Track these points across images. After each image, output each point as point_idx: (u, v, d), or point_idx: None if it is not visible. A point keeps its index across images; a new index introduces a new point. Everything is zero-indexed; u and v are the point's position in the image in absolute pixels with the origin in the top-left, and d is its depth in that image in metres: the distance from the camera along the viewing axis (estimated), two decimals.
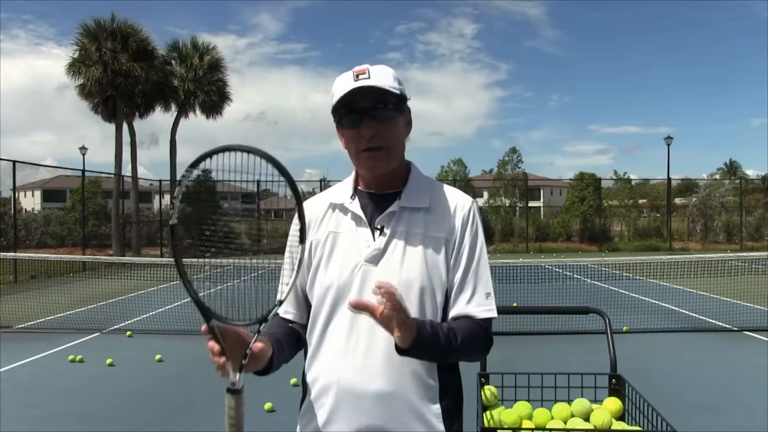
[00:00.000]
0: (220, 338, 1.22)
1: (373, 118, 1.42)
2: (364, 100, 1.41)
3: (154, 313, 9.89)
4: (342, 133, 1.49)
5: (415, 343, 1.30)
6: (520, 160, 45.11)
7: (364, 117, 1.42)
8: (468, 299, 1.47)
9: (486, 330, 1.48)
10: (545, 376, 1.97)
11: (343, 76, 1.45)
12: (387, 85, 1.42)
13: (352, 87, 1.40)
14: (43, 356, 7.23)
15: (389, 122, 1.45)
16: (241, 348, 1.24)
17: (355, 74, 1.43)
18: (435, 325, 1.40)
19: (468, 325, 1.45)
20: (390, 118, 1.45)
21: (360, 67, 1.44)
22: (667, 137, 30.04)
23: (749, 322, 8.75)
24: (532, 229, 30.32)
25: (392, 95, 1.43)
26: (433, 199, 1.52)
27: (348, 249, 1.48)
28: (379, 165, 1.47)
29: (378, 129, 1.42)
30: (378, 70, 1.44)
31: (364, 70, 1.43)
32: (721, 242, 29.72)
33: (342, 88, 1.43)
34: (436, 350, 1.37)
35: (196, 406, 5.21)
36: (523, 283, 9.92)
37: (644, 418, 1.75)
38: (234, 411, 1.23)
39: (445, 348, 1.38)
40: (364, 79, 1.41)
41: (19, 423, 4.85)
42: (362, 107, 1.42)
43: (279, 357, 1.42)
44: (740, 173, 54.91)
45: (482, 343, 1.49)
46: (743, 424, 4.72)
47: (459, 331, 1.41)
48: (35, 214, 33.00)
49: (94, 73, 23.49)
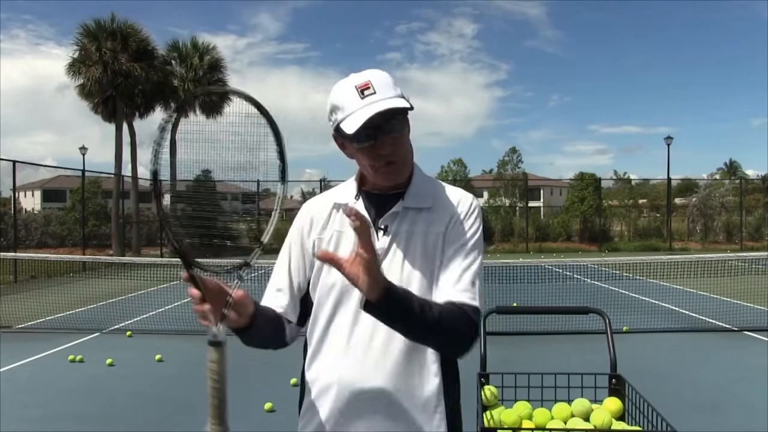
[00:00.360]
0: (201, 286, 1.22)
1: (387, 134, 1.40)
2: (379, 116, 1.37)
3: (154, 313, 9.88)
4: (347, 146, 1.46)
5: (385, 297, 1.23)
6: (520, 160, 45.22)
7: (378, 134, 1.39)
8: (452, 283, 1.44)
9: (469, 316, 1.40)
10: (545, 376, 1.97)
11: (345, 92, 1.40)
12: (396, 97, 1.39)
13: (370, 114, 1.34)
14: (43, 356, 7.23)
15: (401, 135, 1.44)
16: (222, 298, 1.25)
17: (360, 90, 1.38)
18: (408, 291, 1.34)
19: (448, 306, 1.39)
20: (402, 130, 1.44)
21: (361, 81, 1.39)
22: (667, 137, 30.09)
23: (749, 322, 8.75)
24: (532, 229, 30.32)
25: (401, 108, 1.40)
26: (435, 199, 1.52)
27: (352, 249, 1.48)
28: (398, 177, 1.49)
29: (393, 143, 1.42)
30: (380, 81, 1.40)
31: (368, 85, 1.39)
32: (721, 242, 29.73)
33: (350, 107, 1.38)
34: (407, 313, 1.28)
35: (196, 406, 5.19)
36: (523, 283, 9.93)
37: (644, 418, 1.75)
38: (216, 365, 1.21)
39: (417, 315, 1.29)
40: (370, 95, 1.37)
41: (19, 423, 4.85)
42: (376, 124, 1.37)
43: (261, 322, 1.39)
44: (740, 173, 54.95)
45: (464, 327, 1.39)
46: (743, 424, 4.72)
47: (436, 306, 1.36)
48: (35, 214, 33.01)
49: (94, 73, 23.50)
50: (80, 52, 24.11)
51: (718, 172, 59.69)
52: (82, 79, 24.16)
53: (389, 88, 1.41)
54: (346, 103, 1.39)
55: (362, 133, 1.38)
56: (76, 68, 24.06)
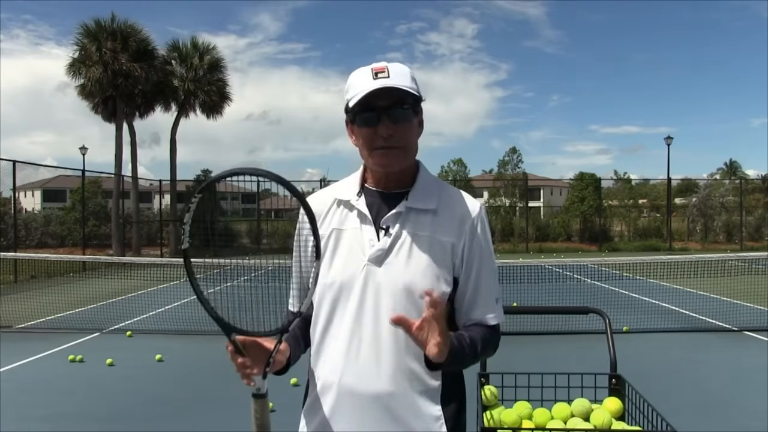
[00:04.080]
0: (243, 350, 1.28)
1: (390, 118, 1.41)
2: (382, 99, 1.40)
3: (154, 313, 9.87)
4: (354, 130, 1.48)
5: (450, 357, 1.31)
6: (521, 160, 45.11)
7: (382, 116, 1.41)
8: (480, 307, 1.49)
9: (497, 333, 1.53)
10: (545, 376, 1.97)
11: (361, 73, 1.44)
12: (406, 86, 1.41)
13: (374, 87, 1.39)
14: (43, 356, 7.22)
15: (406, 123, 1.44)
16: (263, 355, 1.30)
17: (374, 72, 1.41)
18: (458, 335, 1.41)
19: (481, 331, 1.47)
20: (407, 118, 1.44)
21: (378, 65, 1.43)
22: (667, 137, 30.07)
23: (749, 322, 8.75)
24: (532, 229, 30.32)
25: (410, 95, 1.42)
26: (441, 201, 1.50)
27: (352, 247, 1.47)
28: (393, 163, 1.46)
29: (395, 129, 1.42)
30: (397, 69, 1.43)
31: (383, 68, 1.42)
32: (721, 242, 29.73)
33: (361, 85, 1.41)
34: (462, 361, 1.40)
35: (196, 406, 5.21)
36: (523, 283, 9.92)
37: (644, 418, 1.75)
38: (260, 414, 1.31)
39: (469, 357, 1.41)
40: (383, 78, 1.40)
41: (19, 423, 4.84)
42: (380, 106, 1.41)
43: (296, 353, 1.49)
44: (740, 173, 54.85)
45: (494, 346, 1.53)
46: (743, 424, 4.71)
47: (477, 340, 1.45)
48: (35, 214, 32.98)
49: (95, 73, 23.46)
50: (80, 52, 24.07)
51: (718, 172, 59.63)
52: (82, 79, 24.12)
53: (405, 78, 1.43)
54: (359, 82, 1.43)
55: (366, 113, 1.42)
56: (76, 68, 24.03)
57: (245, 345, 1.28)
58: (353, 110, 1.43)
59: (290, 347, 1.44)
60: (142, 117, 26.84)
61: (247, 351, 1.28)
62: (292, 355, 1.45)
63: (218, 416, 4.92)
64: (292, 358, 1.46)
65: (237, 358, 1.27)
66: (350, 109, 1.44)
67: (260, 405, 1.30)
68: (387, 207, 1.48)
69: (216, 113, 28.00)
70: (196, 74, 26.90)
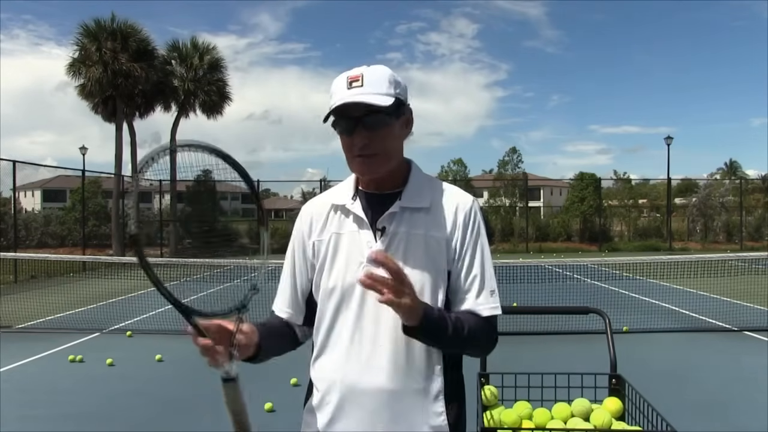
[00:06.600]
0: (205, 333, 1.26)
1: (365, 127, 1.41)
2: (356, 108, 1.40)
3: (154, 313, 9.87)
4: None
5: (423, 321, 1.31)
6: (521, 160, 45.09)
7: (357, 125, 1.41)
8: (473, 297, 1.47)
9: (492, 326, 1.50)
10: (545, 376, 1.98)
11: (340, 80, 1.44)
12: (381, 93, 1.40)
13: (344, 101, 1.39)
14: (43, 356, 7.23)
15: (383, 129, 1.43)
16: (227, 338, 1.28)
17: (349, 81, 1.41)
18: (441, 309, 1.42)
19: (473, 318, 1.45)
20: (384, 125, 1.43)
21: (354, 73, 1.42)
22: (667, 137, 30.06)
23: (749, 322, 8.75)
24: (532, 229, 30.33)
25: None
26: (433, 198, 1.51)
27: (351, 250, 1.48)
28: (372, 170, 1.47)
29: (370, 138, 1.42)
30: (373, 77, 1.42)
31: (358, 77, 1.41)
32: (721, 242, 29.74)
33: (337, 95, 1.42)
34: (443, 333, 1.37)
35: (196, 406, 5.20)
36: (523, 283, 9.93)
37: (644, 418, 1.75)
38: (231, 399, 1.25)
39: (453, 333, 1.38)
40: (356, 87, 1.40)
41: (19, 423, 4.85)
42: (354, 116, 1.41)
43: (267, 344, 1.44)
44: (740, 173, 54.83)
45: (488, 338, 1.49)
46: (743, 424, 4.71)
47: (466, 321, 1.42)
48: (35, 214, 33.02)
49: (94, 73, 23.47)
50: (80, 52, 24.07)
51: (718, 172, 59.59)
52: (82, 79, 24.12)
53: (380, 84, 1.41)
54: (336, 90, 1.43)
55: (342, 123, 1.43)
56: (76, 68, 24.04)
57: (208, 329, 1.25)
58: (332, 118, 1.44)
59: (258, 332, 1.39)
60: (142, 117, 26.86)
61: (210, 335, 1.25)
62: (263, 341, 1.40)
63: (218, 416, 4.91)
64: (263, 344, 1.40)
65: (199, 341, 1.25)
66: (327, 118, 1.45)
67: (231, 389, 1.24)
68: (382, 208, 1.49)
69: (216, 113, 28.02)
70: (196, 74, 26.91)
